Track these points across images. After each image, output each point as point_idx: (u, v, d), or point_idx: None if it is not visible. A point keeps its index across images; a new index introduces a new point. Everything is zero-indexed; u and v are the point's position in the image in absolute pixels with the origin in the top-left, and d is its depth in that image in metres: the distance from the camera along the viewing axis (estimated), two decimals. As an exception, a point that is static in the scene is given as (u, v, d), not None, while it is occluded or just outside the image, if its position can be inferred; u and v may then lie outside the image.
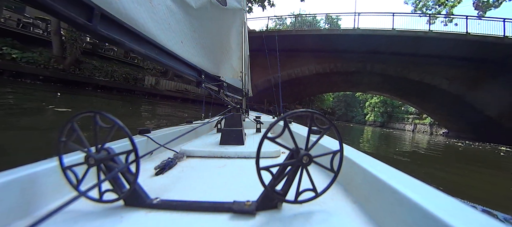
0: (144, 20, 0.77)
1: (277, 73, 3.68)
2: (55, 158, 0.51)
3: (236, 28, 1.83)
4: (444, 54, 13.15)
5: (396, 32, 12.44)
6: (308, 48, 14.91)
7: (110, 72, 11.89)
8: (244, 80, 2.19)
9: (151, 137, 0.95)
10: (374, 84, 19.71)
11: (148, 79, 12.99)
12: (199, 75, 1.28)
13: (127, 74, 12.64)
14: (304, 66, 15.43)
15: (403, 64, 14.71)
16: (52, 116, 3.98)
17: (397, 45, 13.27)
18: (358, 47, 14.58)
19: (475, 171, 4.32)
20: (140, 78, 13.04)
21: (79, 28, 0.55)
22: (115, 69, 12.31)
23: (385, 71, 15.39)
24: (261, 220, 0.48)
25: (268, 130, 0.46)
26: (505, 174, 4.40)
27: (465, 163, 5.27)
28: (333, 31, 13.49)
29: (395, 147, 6.97)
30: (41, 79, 9.30)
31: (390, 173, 0.52)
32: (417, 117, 31.95)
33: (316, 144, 0.52)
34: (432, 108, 19.91)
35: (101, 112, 0.48)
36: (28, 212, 0.47)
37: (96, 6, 0.58)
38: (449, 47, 12.43)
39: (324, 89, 24.92)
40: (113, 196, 0.50)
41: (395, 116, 37.25)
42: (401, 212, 0.41)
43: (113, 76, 11.95)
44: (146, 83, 12.91)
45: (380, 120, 38.96)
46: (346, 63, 15.86)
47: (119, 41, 0.68)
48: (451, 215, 0.33)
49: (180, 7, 1.01)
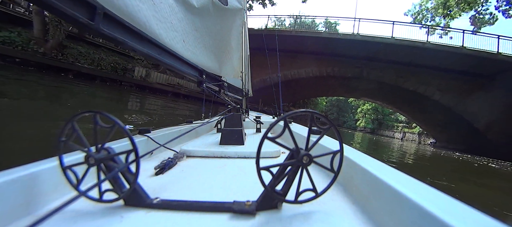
0: (146, 18, 0.76)
1: (274, 73, 3.44)
2: (55, 157, 0.51)
3: (237, 28, 1.80)
4: (439, 66, 13.43)
5: (394, 40, 12.54)
6: (306, 50, 14.78)
7: (97, 60, 11.13)
8: (244, 80, 2.18)
9: (151, 136, 0.94)
10: (369, 91, 19.93)
11: (139, 71, 12.33)
12: (200, 75, 1.26)
13: (115, 63, 11.92)
14: (302, 68, 15.29)
15: (399, 73, 14.90)
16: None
17: (394, 53, 13.39)
18: (356, 53, 14.61)
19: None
20: (130, 68, 12.34)
21: (82, 27, 0.55)
22: (103, 57, 11.57)
23: (381, 78, 15.54)
24: (261, 220, 0.48)
25: (268, 130, 0.46)
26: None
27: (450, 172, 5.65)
28: (333, 35, 13.41)
29: (383, 153, 7.32)
30: (18, 62, 8.49)
31: (390, 173, 0.51)
32: (406, 126, 32.87)
33: (316, 144, 0.52)
34: (423, 118, 20.42)
35: (101, 112, 0.48)
36: (28, 212, 0.47)
37: (99, 4, 0.58)
38: (445, 59, 12.69)
39: (319, 93, 25.00)
40: (113, 196, 0.50)
41: (385, 123, 38.19)
42: (401, 212, 0.41)
43: (100, 65, 11.19)
44: (136, 75, 12.24)
45: (370, 126, 39.85)
46: (344, 68, 15.88)
47: (121, 40, 0.68)
48: (451, 215, 0.33)
49: (182, 6, 1.00)
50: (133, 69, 12.35)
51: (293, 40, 13.77)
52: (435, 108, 15.85)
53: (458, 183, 4.34)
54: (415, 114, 20.62)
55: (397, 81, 15.19)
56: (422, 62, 13.61)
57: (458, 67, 12.95)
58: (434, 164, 6.62)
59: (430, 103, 15.34)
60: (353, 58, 15.22)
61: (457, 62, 12.58)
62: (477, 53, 11.72)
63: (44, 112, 3.67)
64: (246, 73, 2.43)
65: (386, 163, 0.60)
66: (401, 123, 35.07)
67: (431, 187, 0.44)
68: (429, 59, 13.08)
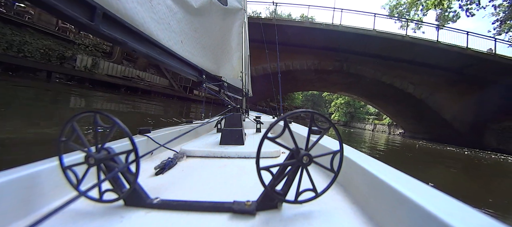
0: (143, 20, 0.77)
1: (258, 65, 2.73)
2: (55, 157, 0.51)
3: (237, 28, 1.82)
4: (414, 60, 13.93)
5: (376, 32, 12.42)
6: (288, 42, 13.85)
7: (17, 44, 8.30)
8: (244, 80, 2.19)
9: (151, 136, 0.95)
10: (347, 85, 20.20)
11: (82, 60, 9.75)
12: (200, 75, 1.29)
13: (47, 49, 9.13)
14: (281, 61, 14.31)
15: (377, 67, 15.17)
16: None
17: (373, 47, 13.45)
18: (337, 45, 14.29)
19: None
20: (70, 57, 9.66)
21: (82, 27, 0.55)
22: (28, 41, 8.71)
23: (360, 72, 15.64)
24: (261, 220, 0.48)
25: (268, 130, 0.47)
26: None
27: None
28: (316, 25, 12.70)
29: (360, 142, 7.97)
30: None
31: (390, 173, 0.52)
32: (376, 118, 35.20)
33: (316, 144, 0.53)
34: (394, 111, 21.66)
35: (101, 112, 0.48)
36: (28, 212, 0.47)
37: (99, 5, 0.58)
38: (420, 54, 13.12)
39: (298, 88, 24.69)
40: (113, 196, 0.50)
41: (357, 116, 40.54)
42: (400, 212, 0.41)
43: (23, 51, 8.38)
44: (78, 65, 9.64)
45: (343, 120, 41.88)
46: (324, 61, 15.54)
47: (121, 41, 0.68)
48: (451, 215, 0.33)
49: (181, 7, 1.01)
50: (74, 58, 9.69)
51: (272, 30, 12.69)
52: (407, 101, 16.69)
53: (429, 164, 4.96)
54: (388, 107, 21.77)
55: (375, 75, 15.47)
56: (399, 56, 13.98)
57: (432, 61, 13.60)
58: (407, 150, 7.49)
59: (404, 96, 16.04)
60: (334, 51, 14.95)
61: (431, 57, 13.17)
62: (449, 48, 12.30)
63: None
64: (246, 73, 2.40)
65: (386, 163, 0.59)
66: (372, 115, 37.51)
67: (431, 187, 0.44)
68: (406, 53, 13.45)
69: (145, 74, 13.60)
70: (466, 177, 4.32)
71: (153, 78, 14.24)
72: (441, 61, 13.36)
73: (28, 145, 2.12)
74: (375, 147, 7.28)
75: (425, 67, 14.13)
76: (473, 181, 4.13)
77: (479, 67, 12.90)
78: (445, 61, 13.20)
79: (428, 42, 12.44)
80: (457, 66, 13.41)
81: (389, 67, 14.94)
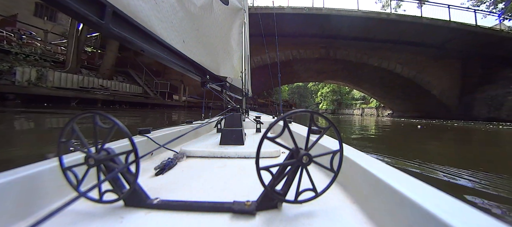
0: (148, 18, 0.77)
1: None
2: (55, 158, 0.52)
3: (237, 28, 1.84)
4: (400, 39, 13.80)
5: (362, 13, 11.93)
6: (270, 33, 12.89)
7: None
8: (244, 80, 2.21)
9: (151, 137, 0.96)
10: (334, 72, 19.86)
11: (23, 72, 8.00)
12: (204, 75, 1.31)
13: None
14: (264, 54, 13.33)
15: (363, 50, 14.94)
16: None
17: (358, 29, 13.10)
18: (321, 32, 13.72)
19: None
20: (6, 71, 7.86)
21: (92, 26, 0.56)
22: None
23: (346, 57, 15.32)
24: (261, 220, 0.48)
25: (268, 129, 0.48)
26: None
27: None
28: (297, 11, 11.89)
29: (353, 127, 7.71)
30: None
31: (390, 173, 0.52)
32: (363, 102, 35.81)
33: (316, 144, 0.53)
34: (382, 93, 21.77)
35: (100, 113, 0.49)
36: (28, 213, 0.48)
37: (108, 3, 0.59)
38: (405, 32, 12.92)
39: (283, 81, 24.01)
40: (113, 196, 0.51)
41: (344, 102, 41.23)
42: (400, 212, 0.42)
43: None
44: (19, 79, 7.89)
45: (331, 108, 42.35)
46: (310, 49, 14.97)
47: (130, 40, 0.68)
48: (451, 215, 0.34)
49: (183, 5, 1.02)
50: (13, 71, 7.90)
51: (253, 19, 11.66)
52: (395, 81, 16.68)
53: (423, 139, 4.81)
54: (375, 89, 21.87)
55: (362, 58, 15.22)
56: (385, 37, 13.80)
57: (418, 39, 13.53)
58: (398, 129, 7.63)
59: (393, 77, 15.97)
60: (319, 37, 14.38)
61: (416, 34, 13.11)
62: (433, 22, 12.14)
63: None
64: (246, 73, 2.42)
65: (386, 163, 0.60)
66: (358, 100, 38.15)
67: (431, 187, 0.44)
68: (392, 33, 13.26)
69: (111, 83, 11.91)
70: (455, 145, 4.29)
71: (121, 87, 12.56)
72: (425, 38, 13.36)
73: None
74: (367, 128, 7.47)
75: (411, 45, 14.09)
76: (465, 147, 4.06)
77: (460, 40, 13.03)
78: (430, 37, 13.19)
79: (413, 17, 12.26)
80: (440, 41, 13.45)
81: (376, 49, 14.74)
